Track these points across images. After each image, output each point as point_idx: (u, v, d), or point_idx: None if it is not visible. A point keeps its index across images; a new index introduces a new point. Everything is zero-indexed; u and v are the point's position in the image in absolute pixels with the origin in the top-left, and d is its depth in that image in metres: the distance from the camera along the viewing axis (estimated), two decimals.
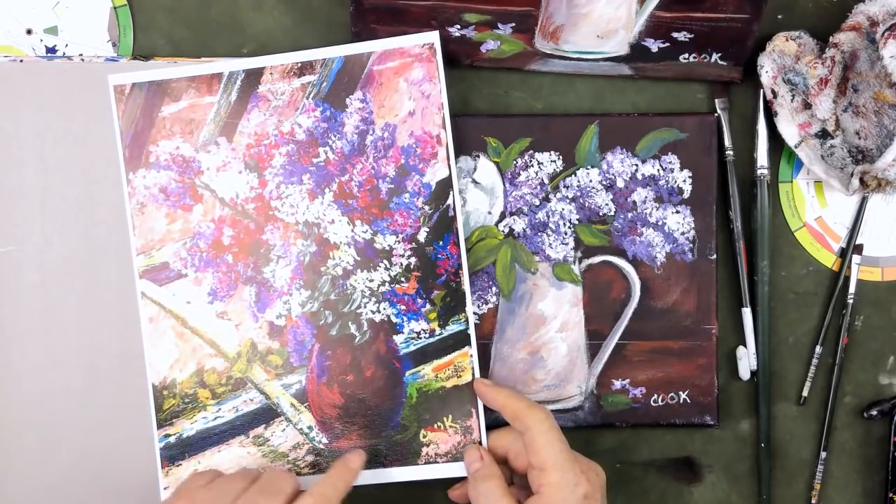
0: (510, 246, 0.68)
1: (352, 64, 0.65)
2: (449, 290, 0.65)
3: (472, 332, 0.65)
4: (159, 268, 0.66)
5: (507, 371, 0.68)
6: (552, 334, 0.68)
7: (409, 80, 0.65)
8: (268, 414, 0.65)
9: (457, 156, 0.67)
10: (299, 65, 0.65)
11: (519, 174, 0.68)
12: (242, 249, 0.66)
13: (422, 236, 0.65)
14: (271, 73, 0.65)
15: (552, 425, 0.60)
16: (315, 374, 0.65)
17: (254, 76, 0.65)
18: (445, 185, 0.65)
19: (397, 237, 0.65)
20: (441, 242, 0.65)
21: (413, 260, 0.65)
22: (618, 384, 0.68)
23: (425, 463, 0.65)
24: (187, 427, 0.65)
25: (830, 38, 0.66)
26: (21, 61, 0.67)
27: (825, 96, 0.65)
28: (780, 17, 0.69)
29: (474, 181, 0.68)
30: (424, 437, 0.65)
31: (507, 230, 0.68)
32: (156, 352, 0.65)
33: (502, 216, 0.68)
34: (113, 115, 0.65)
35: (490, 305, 0.68)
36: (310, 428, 0.65)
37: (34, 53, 0.68)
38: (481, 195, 0.68)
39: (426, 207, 0.65)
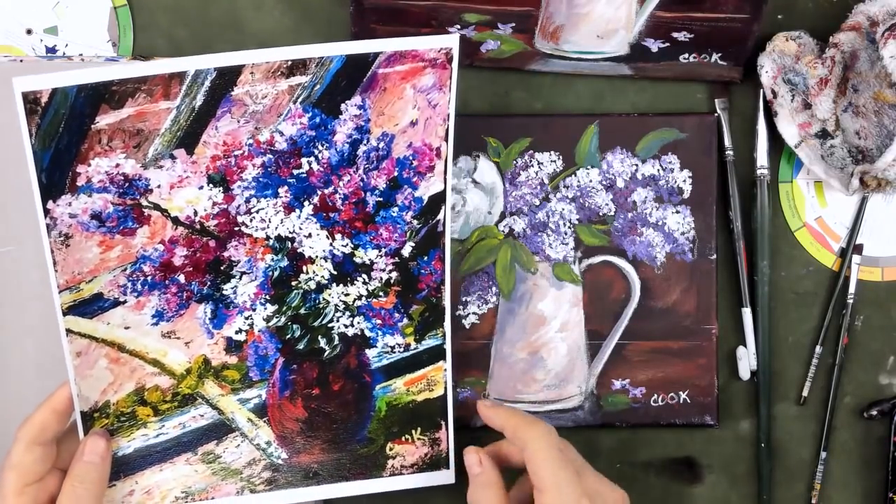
0: (510, 246, 0.68)
1: (353, 65, 0.57)
2: (429, 306, 0.62)
3: (448, 346, 0.63)
4: (89, 300, 0.57)
5: (507, 371, 0.68)
6: (552, 334, 0.68)
7: (416, 87, 0.58)
8: (220, 429, 0.61)
9: (456, 156, 0.67)
10: (289, 63, 0.55)
11: (519, 174, 0.68)
12: (198, 269, 0.58)
13: (406, 251, 0.61)
14: (252, 73, 0.55)
15: (551, 442, 0.56)
16: (277, 389, 0.61)
17: (228, 76, 0.55)
18: (438, 200, 0.60)
19: (380, 251, 0.61)
20: (426, 258, 0.61)
21: (394, 274, 0.61)
22: (618, 384, 0.68)
23: (390, 475, 0.63)
24: (123, 445, 0.59)
25: (830, 38, 0.66)
26: (21, 61, 0.67)
27: (825, 96, 0.65)
28: (780, 17, 0.69)
29: (474, 181, 0.68)
30: (391, 449, 0.63)
31: (507, 230, 0.68)
32: (85, 383, 0.58)
33: (502, 216, 0.68)
34: (22, 134, 0.53)
35: (490, 305, 0.68)
36: (268, 443, 0.62)
37: (34, 53, 0.68)
38: (481, 195, 0.68)
39: (414, 222, 0.60)
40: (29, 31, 0.68)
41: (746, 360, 0.68)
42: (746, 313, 0.68)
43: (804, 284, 0.70)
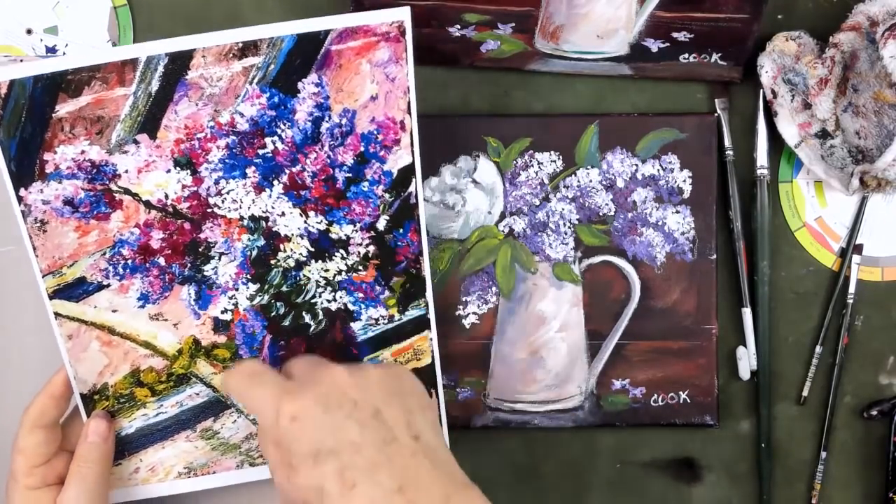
0: (510, 246, 0.68)
1: (305, 43, 0.57)
2: (409, 277, 0.62)
3: (431, 315, 0.63)
4: (73, 284, 0.59)
5: (507, 371, 0.68)
6: (552, 334, 0.68)
7: (372, 62, 0.58)
8: (216, 406, 0.63)
9: (456, 156, 0.67)
10: (240, 45, 0.56)
11: (519, 174, 0.68)
12: (176, 251, 0.60)
13: (381, 224, 0.61)
14: (204, 56, 0.56)
15: (230, 380, 0.56)
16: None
17: (180, 60, 0.56)
18: (408, 172, 0.60)
19: (355, 226, 0.61)
20: (401, 230, 0.61)
21: (371, 248, 0.61)
22: (618, 384, 0.68)
23: None
24: (125, 425, 0.62)
25: (830, 38, 0.66)
26: (21, 61, 0.67)
27: (825, 96, 0.65)
28: (780, 17, 0.69)
29: (474, 181, 0.68)
30: None
31: (507, 230, 0.68)
32: (81, 366, 0.60)
33: (502, 216, 0.68)
34: None
35: (490, 305, 0.68)
36: None
37: (34, 53, 0.68)
38: (481, 195, 0.68)
39: (386, 195, 0.60)
40: (29, 31, 0.68)
41: (746, 360, 0.68)
42: (746, 313, 0.68)
43: (804, 284, 0.70)
